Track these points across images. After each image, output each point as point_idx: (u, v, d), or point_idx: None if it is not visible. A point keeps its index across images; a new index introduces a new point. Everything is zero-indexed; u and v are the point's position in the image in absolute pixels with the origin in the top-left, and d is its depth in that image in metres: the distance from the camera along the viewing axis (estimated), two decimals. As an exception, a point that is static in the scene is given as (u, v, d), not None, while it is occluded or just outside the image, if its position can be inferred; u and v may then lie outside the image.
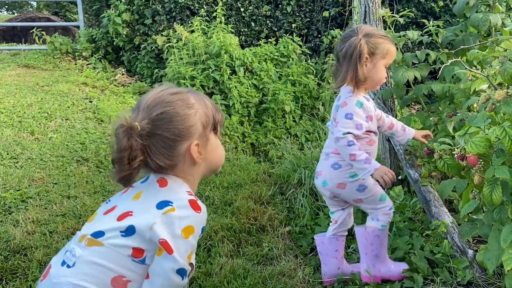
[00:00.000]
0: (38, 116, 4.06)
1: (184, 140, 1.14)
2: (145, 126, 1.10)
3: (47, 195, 2.81)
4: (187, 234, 1.08)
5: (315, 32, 5.81)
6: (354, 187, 1.92)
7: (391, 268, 1.99)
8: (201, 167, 1.21)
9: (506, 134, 1.05)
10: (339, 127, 1.84)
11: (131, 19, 5.98)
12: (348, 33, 1.89)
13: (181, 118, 1.14)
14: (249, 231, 2.55)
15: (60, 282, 1.07)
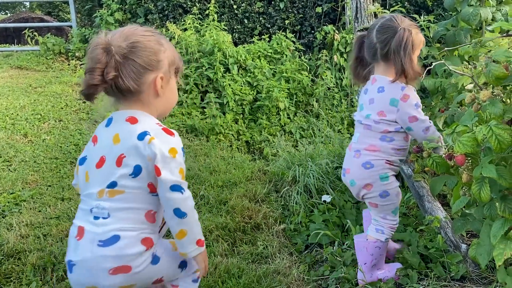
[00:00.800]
0: (31, 118, 4.04)
1: (152, 71, 1.28)
2: (121, 49, 1.22)
3: (41, 197, 2.80)
4: (174, 154, 1.24)
5: (308, 28, 5.80)
6: (378, 190, 1.86)
7: (386, 273, 1.99)
8: (160, 102, 1.34)
9: (493, 134, 1.05)
10: (420, 117, 1.76)
11: (123, 18, 5.95)
12: (388, 24, 1.82)
13: (152, 51, 1.27)
14: (244, 229, 2.55)
15: (104, 232, 1.21)
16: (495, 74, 1.03)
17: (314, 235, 2.43)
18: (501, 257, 1.38)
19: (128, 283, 1.24)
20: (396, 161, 1.89)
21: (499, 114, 1.03)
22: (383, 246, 1.94)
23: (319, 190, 2.90)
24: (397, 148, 1.85)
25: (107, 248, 1.20)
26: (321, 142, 3.95)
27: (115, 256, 1.20)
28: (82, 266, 1.23)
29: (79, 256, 1.23)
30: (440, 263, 2.02)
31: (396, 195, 1.91)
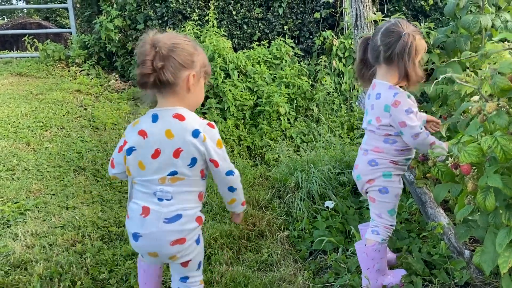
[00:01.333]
0: (33, 126, 4.05)
1: (187, 68, 1.51)
2: (165, 46, 1.46)
3: (45, 206, 2.81)
4: (221, 145, 1.54)
5: (307, 33, 5.83)
6: (379, 185, 1.95)
7: (390, 278, 2.01)
8: (191, 97, 1.57)
9: (498, 144, 1.07)
10: (410, 124, 1.81)
11: (123, 25, 5.97)
12: (392, 28, 1.87)
13: (188, 53, 1.51)
14: (248, 237, 2.57)
15: (170, 211, 1.51)
16: (500, 86, 1.06)
17: (318, 241, 2.45)
18: (506, 265, 1.40)
19: (179, 253, 1.56)
20: (402, 161, 1.95)
21: (505, 126, 1.05)
22: (382, 248, 1.97)
23: (322, 196, 2.92)
24: (400, 149, 1.92)
25: (172, 224, 1.51)
26: (322, 147, 3.98)
27: (178, 230, 1.51)
28: (148, 237, 1.52)
29: (147, 230, 1.51)
30: (444, 269, 2.04)
31: (395, 196, 1.96)
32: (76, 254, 2.29)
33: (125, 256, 2.32)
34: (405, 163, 1.98)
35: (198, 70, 1.55)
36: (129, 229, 1.57)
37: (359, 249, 2.02)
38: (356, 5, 3.13)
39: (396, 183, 1.95)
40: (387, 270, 2.04)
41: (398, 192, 1.97)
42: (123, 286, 2.08)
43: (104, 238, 2.51)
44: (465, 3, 2.63)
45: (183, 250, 1.55)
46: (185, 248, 1.55)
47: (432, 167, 1.38)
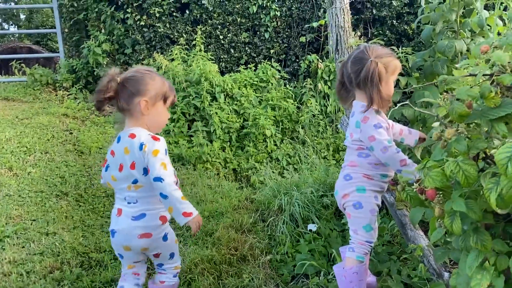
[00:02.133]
0: (16, 150, 4.03)
1: (139, 96, 1.80)
2: (121, 80, 1.81)
3: (25, 233, 2.77)
4: (156, 153, 1.75)
5: (293, 57, 5.92)
6: (352, 200, 1.98)
7: None
8: (147, 119, 1.85)
9: (460, 169, 1.09)
10: (379, 137, 1.87)
11: (111, 49, 6.02)
12: (359, 56, 1.95)
13: (142, 82, 1.82)
14: (230, 262, 2.54)
15: (135, 211, 1.82)
16: (458, 112, 1.09)
17: (300, 265, 2.44)
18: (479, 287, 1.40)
19: (147, 245, 1.84)
20: (376, 176, 1.97)
21: (464, 151, 1.07)
22: (361, 270, 1.95)
23: (305, 219, 2.92)
24: (374, 163, 1.96)
25: (138, 221, 1.81)
26: (307, 169, 3.99)
27: (143, 226, 1.81)
28: (121, 233, 1.83)
29: (120, 226, 1.83)
30: (424, 292, 2.04)
31: (370, 211, 1.97)
32: (54, 282, 2.26)
33: (104, 283, 2.28)
34: (381, 179, 1.99)
35: (153, 95, 1.83)
36: (110, 228, 1.89)
37: (338, 271, 2.01)
38: (336, 31, 3.19)
39: (370, 198, 1.97)
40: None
41: (374, 208, 1.98)
42: (100, 314, 2.04)
43: (83, 265, 2.47)
44: (441, 28, 2.70)
45: (151, 243, 1.84)
46: (153, 242, 1.84)
47: (401, 192, 1.40)
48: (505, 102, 1.05)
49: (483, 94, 1.04)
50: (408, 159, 1.86)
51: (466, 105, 1.08)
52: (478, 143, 1.08)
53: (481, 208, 1.27)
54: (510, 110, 1.03)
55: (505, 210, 1.10)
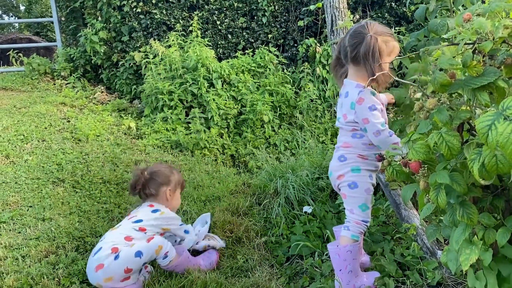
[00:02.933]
0: (13, 139, 4.03)
1: (165, 185, 2.36)
2: (148, 175, 2.35)
3: (21, 218, 2.78)
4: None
5: (291, 41, 5.87)
6: (348, 180, 1.98)
7: (363, 280, 2.00)
8: (169, 205, 2.37)
9: (443, 140, 1.07)
10: (373, 120, 1.84)
11: (108, 37, 5.99)
12: (359, 30, 1.91)
13: (166, 175, 2.38)
14: (225, 244, 2.55)
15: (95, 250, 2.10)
16: (440, 82, 1.06)
17: (295, 246, 2.44)
18: (467, 262, 1.39)
19: (107, 275, 2.01)
20: (371, 156, 1.97)
21: (446, 121, 1.05)
22: (355, 249, 1.96)
23: (300, 201, 2.91)
24: (368, 143, 1.95)
25: (96, 255, 2.06)
26: (304, 153, 3.98)
27: (97, 259, 2.04)
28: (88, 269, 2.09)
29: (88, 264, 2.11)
30: (417, 270, 2.03)
31: (366, 190, 1.97)
32: (49, 265, 2.27)
33: (99, 266, 2.29)
34: (375, 159, 1.97)
35: (173, 185, 2.38)
36: None
37: (332, 250, 2.01)
38: (331, 11, 3.16)
39: (365, 177, 1.97)
40: (360, 272, 2.03)
41: (369, 187, 1.98)
42: (94, 296, 2.06)
43: (79, 249, 2.48)
44: (435, 7, 2.66)
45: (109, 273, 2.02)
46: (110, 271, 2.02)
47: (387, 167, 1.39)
48: (487, 70, 1.03)
49: (465, 62, 1.02)
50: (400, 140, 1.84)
51: (448, 75, 1.06)
52: (461, 113, 1.06)
53: (467, 182, 1.26)
54: (492, 78, 1.01)
55: (489, 181, 1.09)
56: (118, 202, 3.07)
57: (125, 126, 4.72)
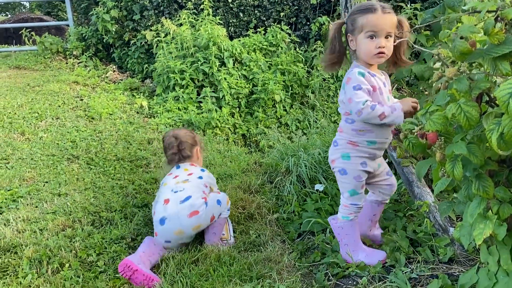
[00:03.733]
0: (28, 116, 4.08)
1: (195, 145, 2.60)
2: (180, 138, 2.54)
3: (37, 193, 2.84)
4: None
5: (304, 20, 5.80)
6: (338, 166, 2.00)
7: (358, 256, 2.02)
8: (199, 162, 2.61)
9: (462, 111, 1.06)
10: (355, 99, 1.80)
11: (119, 16, 5.97)
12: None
13: (192, 137, 2.61)
14: (238, 220, 2.58)
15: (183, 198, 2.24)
16: (459, 50, 1.05)
17: (306, 223, 2.46)
18: (481, 237, 1.40)
19: (198, 223, 2.19)
20: (362, 143, 1.94)
21: (465, 91, 1.04)
22: (346, 226, 2.03)
23: (312, 180, 2.92)
24: (358, 129, 1.93)
25: (186, 203, 2.20)
26: (316, 133, 3.97)
27: (189, 206, 2.19)
28: (171, 218, 2.17)
29: (168, 212, 2.19)
30: (429, 247, 2.04)
31: (355, 178, 1.97)
32: (66, 238, 2.32)
33: (114, 240, 2.34)
34: (368, 146, 1.94)
35: (199, 146, 2.62)
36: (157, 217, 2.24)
37: (331, 223, 2.14)
38: (345, -12, 3.10)
39: (355, 165, 1.96)
40: (361, 246, 2.06)
41: (359, 175, 1.97)
42: (110, 268, 2.10)
43: (94, 223, 2.53)
44: (453, -19, 2.60)
45: (200, 220, 2.19)
46: (202, 219, 2.20)
47: (404, 140, 1.38)
48: (509, 39, 1.01)
49: (487, 30, 1.00)
50: (387, 107, 1.79)
51: (469, 43, 1.04)
52: (481, 83, 1.05)
53: (484, 155, 1.25)
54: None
55: (507, 151, 1.08)
56: (132, 179, 3.11)
57: (137, 105, 4.75)
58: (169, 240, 2.18)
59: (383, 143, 1.96)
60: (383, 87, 1.92)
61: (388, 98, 1.93)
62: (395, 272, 1.87)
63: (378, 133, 1.91)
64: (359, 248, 2.05)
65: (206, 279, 1.98)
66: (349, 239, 2.04)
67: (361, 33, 1.84)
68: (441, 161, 1.22)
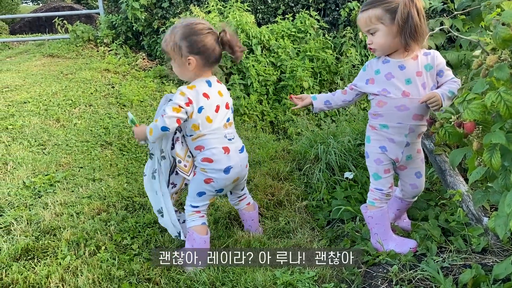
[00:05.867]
0: (63, 103, 4.20)
1: None
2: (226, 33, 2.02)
3: (73, 178, 2.94)
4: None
5: (333, 5, 5.71)
6: (365, 149, 2.08)
7: (389, 246, 2.02)
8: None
9: (502, 99, 1.04)
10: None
11: (148, 3, 6.02)
12: None
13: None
14: (267, 206, 2.61)
15: (238, 145, 2.08)
16: (502, 36, 1.02)
17: (336, 210, 2.46)
18: (518, 227, 1.37)
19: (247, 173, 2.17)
20: (378, 126, 1.98)
21: (506, 79, 1.02)
22: (376, 215, 2.03)
23: (342, 167, 2.91)
24: (373, 113, 2.00)
25: (244, 153, 2.10)
26: (345, 120, 3.94)
27: (246, 157, 2.12)
28: (236, 166, 2.03)
29: (233, 162, 2.01)
30: (461, 236, 2.01)
31: (375, 161, 2.01)
32: (101, 222, 2.40)
33: (147, 224, 2.40)
34: (382, 129, 1.98)
35: None
36: (219, 166, 2.00)
37: (362, 211, 2.15)
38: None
39: (374, 148, 2.01)
40: (391, 236, 2.06)
41: (379, 158, 2.00)
42: (144, 251, 2.17)
43: (128, 208, 2.60)
44: (491, -37, 2.51)
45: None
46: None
47: (440, 129, 1.36)
48: (554, 25, 0.98)
49: (530, 17, 0.97)
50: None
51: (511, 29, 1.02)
52: (523, 71, 1.02)
53: (523, 144, 1.22)
54: (559, 34, 0.96)
55: (548, 141, 1.05)
56: (163, 165, 3.18)
57: (167, 92, 4.81)
58: (222, 188, 2.06)
59: (397, 128, 1.95)
60: (398, 70, 1.90)
61: (408, 81, 1.89)
62: (426, 261, 1.86)
63: (388, 117, 1.94)
64: (389, 237, 2.05)
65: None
66: (379, 228, 2.04)
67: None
68: (478, 150, 1.20)
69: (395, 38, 1.84)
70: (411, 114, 1.91)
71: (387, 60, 1.94)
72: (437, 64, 1.91)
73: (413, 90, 1.89)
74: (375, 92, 1.95)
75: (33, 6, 22.79)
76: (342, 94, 2.10)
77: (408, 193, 2.15)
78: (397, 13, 1.76)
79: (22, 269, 1.96)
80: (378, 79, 1.94)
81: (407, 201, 2.19)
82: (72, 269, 1.97)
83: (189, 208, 2.07)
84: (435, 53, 1.93)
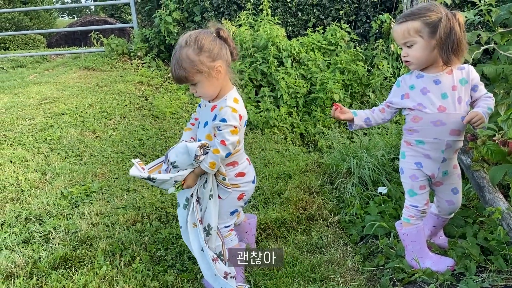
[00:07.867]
0: (98, 115, 4.32)
1: None
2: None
3: (109, 189, 3.01)
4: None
5: (364, 17, 5.69)
6: (400, 165, 2.04)
7: (425, 264, 1.97)
8: None
9: (550, 118, 1.01)
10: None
11: (181, 18, 6.16)
12: None
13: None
14: (299, 220, 2.59)
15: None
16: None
17: (370, 226, 2.43)
18: None
19: None
20: (413, 142, 1.95)
21: (555, 99, 0.99)
22: (411, 232, 1.98)
23: (375, 182, 2.87)
24: (408, 129, 1.96)
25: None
26: (377, 133, 3.89)
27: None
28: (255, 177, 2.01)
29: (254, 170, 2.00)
30: (502, 255, 1.95)
31: (410, 177, 1.97)
32: (136, 233, 2.44)
33: (180, 236, 2.43)
34: (418, 145, 1.93)
35: None
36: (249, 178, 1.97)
37: (397, 228, 2.10)
38: (411, -15, 3.02)
39: (409, 164, 1.97)
40: (427, 253, 2.00)
41: (414, 174, 1.96)
42: (178, 262, 2.19)
43: (161, 219, 2.64)
44: (531, -25, 2.46)
45: None
46: None
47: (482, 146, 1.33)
48: None
49: None
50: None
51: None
52: None
53: None
54: None
55: None
56: (195, 177, 3.22)
57: (198, 104, 4.89)
58: (249, 200, 2.11)
59: (433, 143, 1.90)
60: (434, 85, 1.86)
61: (443, 96, 1.85)
62: (465, 281, 1.80)
63: (424, 132, 1.90)
64: (425, 255, 2.00)
65: (269, 278, 2.02)
66: (415, 246, 1.99)
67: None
68: (524, 170, 1.17)
69: (431, 52, 1.82)
70: (448, 129, 1.87)
71: (421, 75, 1.91)
72: (472, 79, 1.88)
73: (449, 104, 1.85)
74: (411, 107, 1.93)
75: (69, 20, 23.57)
76: (380, 112, 2.07)
77: (445, 209, 2.10)
78: (439, 28, 1.73)
79: (61, 277, 2.02)
80: (413, 94, 1.92)
81: (444, 217, 2.14)
82: (108, 279, 2.02)
83: (224, 230, 1.97)
84: (470, 68, 1.90)
